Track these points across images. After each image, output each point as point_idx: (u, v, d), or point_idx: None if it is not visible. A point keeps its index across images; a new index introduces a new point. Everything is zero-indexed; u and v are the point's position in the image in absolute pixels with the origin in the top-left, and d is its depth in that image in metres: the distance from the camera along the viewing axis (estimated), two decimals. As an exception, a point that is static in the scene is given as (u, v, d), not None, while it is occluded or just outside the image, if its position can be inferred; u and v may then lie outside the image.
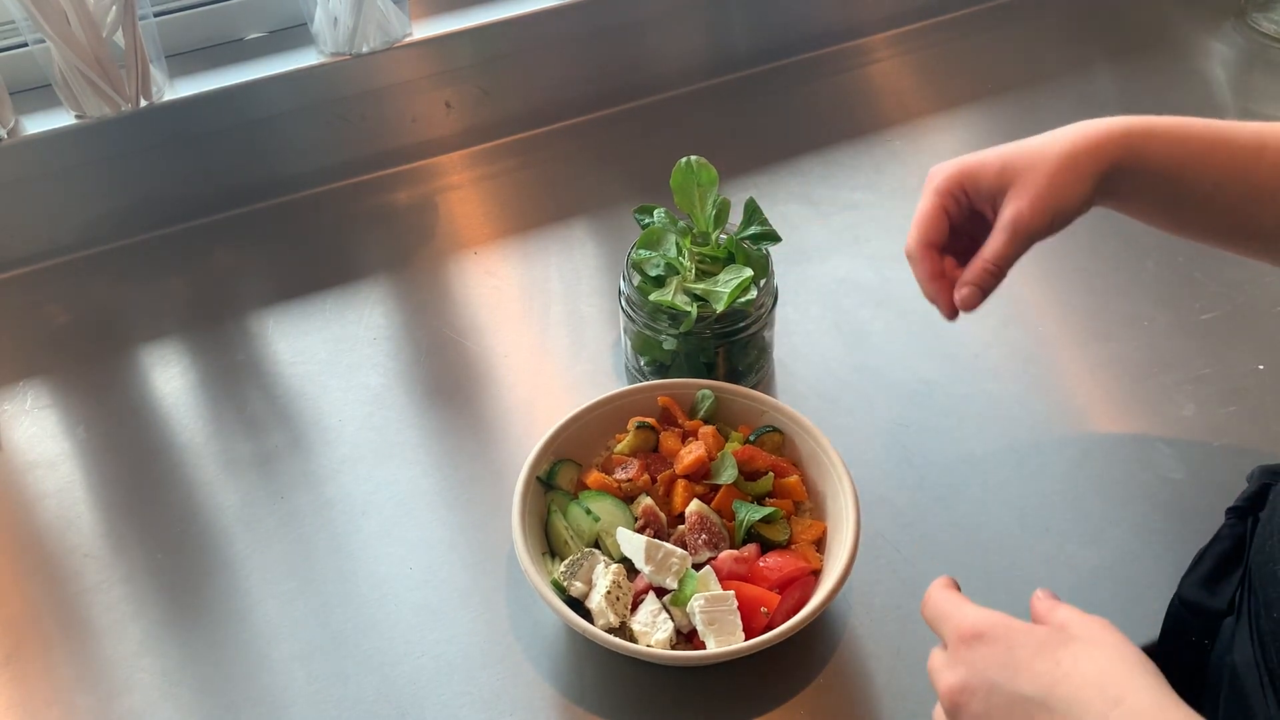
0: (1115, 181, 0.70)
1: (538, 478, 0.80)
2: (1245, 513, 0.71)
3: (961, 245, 0.74)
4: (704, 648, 0.72)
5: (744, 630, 0.72)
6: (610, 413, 0.84)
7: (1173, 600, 0.73)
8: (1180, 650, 0.71)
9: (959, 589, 0.62)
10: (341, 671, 0.76)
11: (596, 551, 0.77)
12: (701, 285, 0.85)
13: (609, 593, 0.73)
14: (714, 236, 0.88)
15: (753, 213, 0.89)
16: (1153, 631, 0.76)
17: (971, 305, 0.72)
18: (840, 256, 1.05)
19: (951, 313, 0.74)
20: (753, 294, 0.85)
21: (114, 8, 0.97)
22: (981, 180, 0.72)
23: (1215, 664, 0.68)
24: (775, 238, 0.88)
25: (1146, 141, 0.70)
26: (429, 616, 0.79)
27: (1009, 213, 0.70)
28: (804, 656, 0.76)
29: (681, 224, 0.90)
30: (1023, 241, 0.71)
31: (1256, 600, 0.65)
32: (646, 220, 0.90)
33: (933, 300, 0.74)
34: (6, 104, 1.01)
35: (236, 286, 1.05)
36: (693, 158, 0.87)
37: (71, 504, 0.87)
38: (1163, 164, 0.70)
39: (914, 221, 0.74)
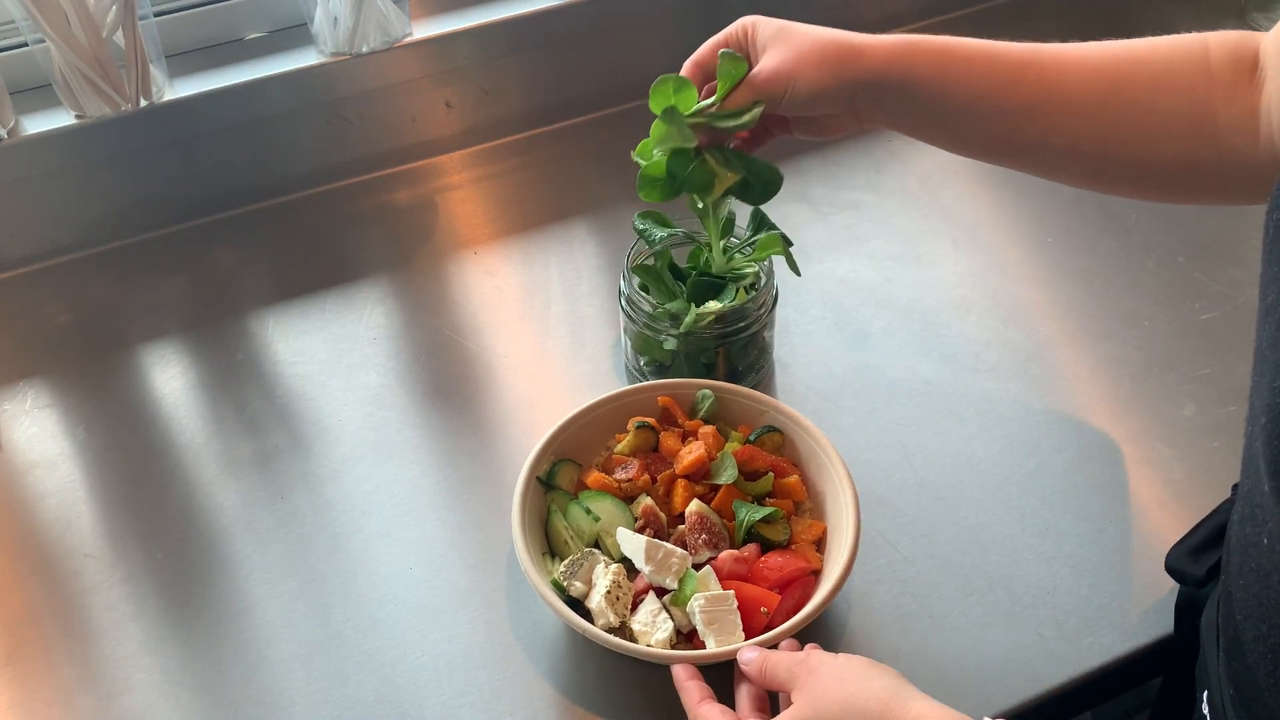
0: (879, 94, 0.75)
1: (538, 478, 0.80)
2: None
3: None
4: (704, 648, 0.72)
5: (744, 630, 0.72)
6: (610, 413, 0.84)
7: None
8: (1194, 629, 0.71)
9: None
10: (341, 671, 0.76)
11: (596, 551, 0.77)
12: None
13: (609, 593, 0.73)
14: (719, 246, 0.88)
15: (760, 220, 0.89)
16: (1153, 631, 0.77)
17: (704, 140, 0.81)
18: (840, 256, 1.05)
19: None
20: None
21: (114, 8, 0.97)
22: (759, 34, 0.79)
23: None
24: (784, 242, 0.87)
25: (912, 61, 0.74)
26: (429, 616, 0.79)
27: (754, 70, 0.78)
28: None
29: (679, 232, 0.89)
30: (763, 91, 0.78)
31: (1223, 563, 0.66)
32: (646, 229, 0.89)
33: (685, 72, 0.82)
34: (6, 104, 1.01)
35: (236, 286, 1.05)
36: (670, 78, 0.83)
37: (71, 504, 0.87)
38: (926, 80, 0.73)
39: (700, 48, 0.82)
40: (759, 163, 0.83)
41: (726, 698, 0.71)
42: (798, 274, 0.87)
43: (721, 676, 0.73)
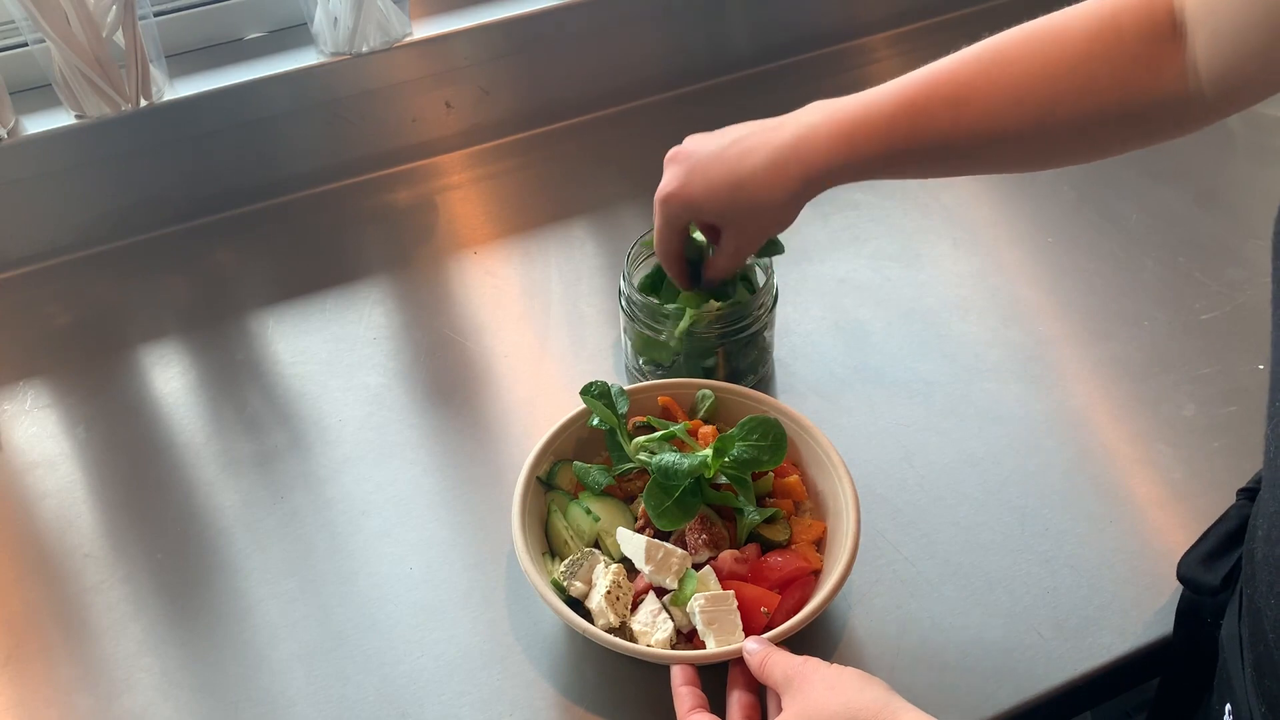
0: (838, 181, 0.77)
1: (538, 478, 0.80)
2: (1256, 494, 0.71)
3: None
4: (704, 648, 0.72)
5: (744, 630, 0.72)
6: (610, 413, 0.84)
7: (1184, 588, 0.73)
8: (1194, 633, 0.71)
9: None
10: (341, 671, 0.76)
11: (596, 551, 0.77)
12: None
13: (609, 593, 0.73)
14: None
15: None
16: (1154, 630, 0.76)
17: (710, 280, 0.87)
18: (840, 256, 1.05)
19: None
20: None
21: (114, 8, 0.97)
22: (705, 214, 0.82)
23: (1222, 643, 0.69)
24: (778, 248, 0.88)
25: (858, 151, 0.74)
26: (429, 616, 0.79)
27: (730, 246, 0.82)
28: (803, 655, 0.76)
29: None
30: (743, 261, 0.85)
31: (1246, 576, 0.65)
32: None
33: (675, 279, 0.87)
34: (6, 104, 1.01)
35: (236, 286, 1.05)
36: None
37: (71, 504, 0.87)
38: (874, 165, 0.75)
39: (658, 250, 0.85)
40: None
41: (724, 699, 0.71)
42: (781, 250, 0.89)
43: (722, 676, 0.73)
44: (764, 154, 0.76)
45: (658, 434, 0.80)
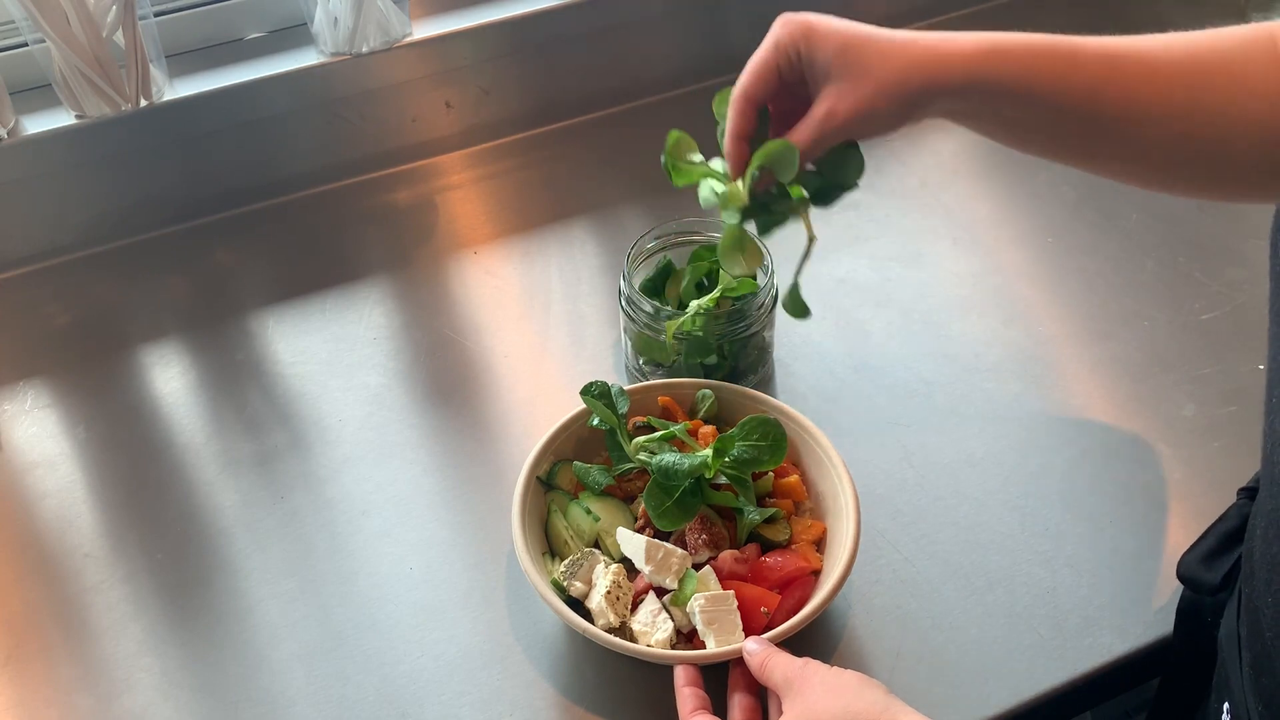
0: (958, 103, 0.68)
1: (538, 478, 0.80)
2: (1256, 493, 0.71)
3: (790, 106, 0.71)
4: (704, 648, 0.72)
5: (744, 630, 0.72)
6: (610, 413, 0.84)
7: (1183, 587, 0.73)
8: (1195, 633, 0.71)
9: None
10: (341, 671, 0.76)
11: (596, 551, 0.77)
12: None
13: (609, 593, 0.73)
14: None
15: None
16: (1154, 630, 0.76)
17: (760, 187, 0.72)
18: (840, 256, 1.05)
19: (738, 173, 0.72)
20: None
21: (114, 8, 0.97)
22: (818, 51, 0.68)
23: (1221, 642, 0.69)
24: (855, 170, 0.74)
25: (998, 68, 0.66)
26: (429, 616, 0.79)
27: (824, 108, 0.68)
28: (804, 656, 0.76)
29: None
30: (829, 139, 0.69)
31: (1245, 574, 0.65)
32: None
33: (727, 158, 0.73)
34: (6, 104, 1.01)
35: (236, 286, 1.05)
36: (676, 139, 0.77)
37: (71, 504, 0.87)
38: (1010, 90, 0.67)
39: (745, 69, 0.71)
40: (827, 163, 0.73)
41: (723, 699, 0.71)
42: (859, 174, 0.75)
43: (722, 676, 0.73)
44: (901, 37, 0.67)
45: (658, 434, 0.80)
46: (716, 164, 0.76)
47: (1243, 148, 0.66)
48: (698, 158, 0.76)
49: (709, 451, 0.76)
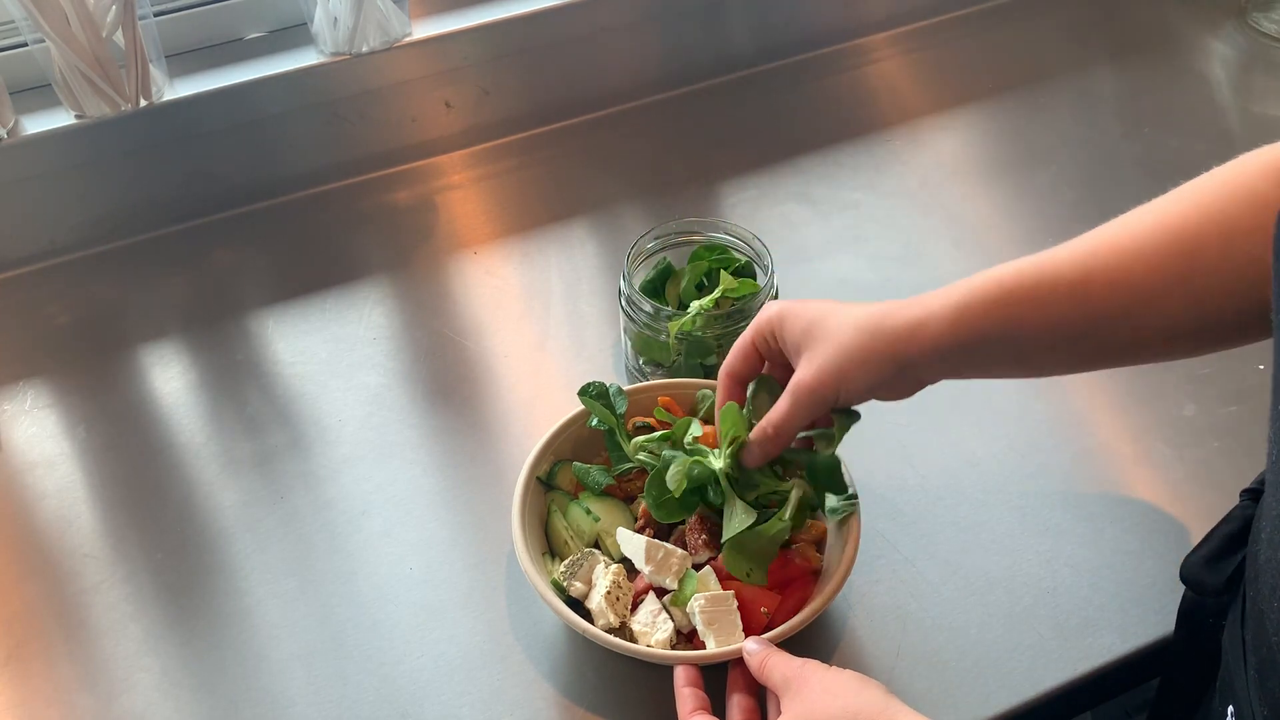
0: (945, 363, 0.69)
1: (538, 478, 0.80)
2: (1259, 494, 0.71)
3: (786, 375, 0.74)
4: (704, 648, 0.72)
5: (744, 630, 0.72)
6: (610, 413, 0.84)
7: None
8: (1196, 633, 0.71)
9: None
10: (341, 671, 0.76)
11: (596, 551, 0.77)
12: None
13: (609, 593, 0.73)
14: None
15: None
16: (1154, 630, 0.76)
17: (751, 462, 0.74)
18: (840, 256, 1.05)
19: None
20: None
21: (114, 8, 0.97)
22: (788, 332, 0.72)
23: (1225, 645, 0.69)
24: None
25: (974, 322, 0.66)
26: (429, 616, 0.79)
27: (794, 378, 0.71)
28: (804, 656, 0.76)
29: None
30: (804, 410, 0.70)
31: (1249, 578, 0.65)
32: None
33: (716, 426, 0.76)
34: (6, 104, 1.01)
35: (236, 286, 1.05)
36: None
37: (71, 504, 0.87)
38: (994, 338, 0.67)
39: (731, 350, 0.75)
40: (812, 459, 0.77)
41: (723, 700, 0.71)
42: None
43: (722, 676, 0.73)
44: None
45: (657, 434, 0.80)
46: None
47: (1243, 299, 0.64)
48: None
49: (721, 463, 0.75)
